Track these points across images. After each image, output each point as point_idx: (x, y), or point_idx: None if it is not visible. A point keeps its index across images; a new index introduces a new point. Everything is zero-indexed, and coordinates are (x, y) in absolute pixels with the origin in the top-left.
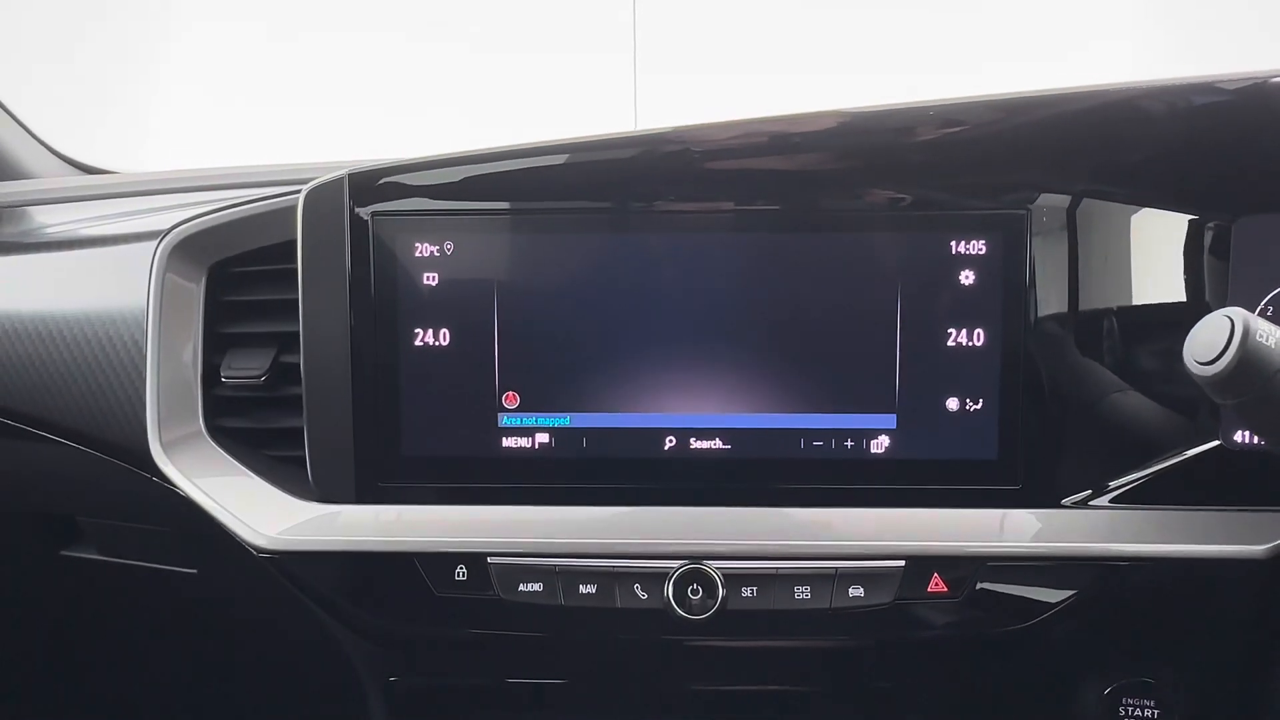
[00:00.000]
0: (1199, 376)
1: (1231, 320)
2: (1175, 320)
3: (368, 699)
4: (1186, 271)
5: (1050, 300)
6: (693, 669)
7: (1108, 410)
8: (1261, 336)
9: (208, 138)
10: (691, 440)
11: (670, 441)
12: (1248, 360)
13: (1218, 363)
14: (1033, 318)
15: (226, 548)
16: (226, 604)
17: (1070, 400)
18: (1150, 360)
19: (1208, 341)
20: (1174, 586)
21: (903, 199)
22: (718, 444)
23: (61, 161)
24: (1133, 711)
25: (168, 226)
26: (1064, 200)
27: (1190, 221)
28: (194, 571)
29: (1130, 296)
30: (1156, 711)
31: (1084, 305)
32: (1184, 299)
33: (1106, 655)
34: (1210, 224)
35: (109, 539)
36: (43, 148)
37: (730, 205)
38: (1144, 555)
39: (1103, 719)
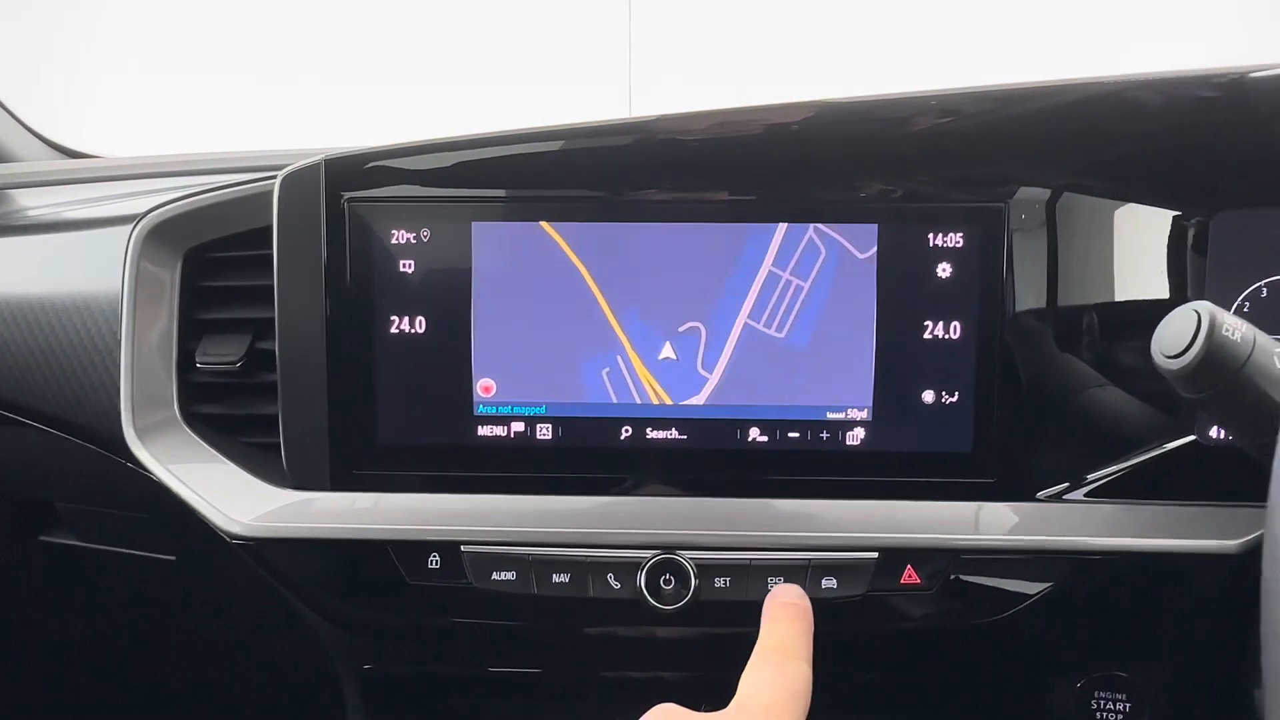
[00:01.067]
0: (1166, 370)
1: (1198, 314)
2: (1153, 316)
3: (343, 687)
4: (1165, 266)
5: (1028, 294)
6: (667, 658)
7: (1084, 405)
8: (1228, 331)
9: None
10: (667, 431)
11: (646, 431)
12: (1213, 354)
13: (1184, 356)
14: (1010, 311)
15: (202, 535)
16: (203, 592)
17: (1046, 394)
18: (1127, 355)
19: (1175, 335)
20: (1147, 581)
21: (883, 190)
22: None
23: (44, 145)
24: (1105, 705)
25: (142, 211)
26: (1043, 194)
27: (1169, 216)
28: (172, 558)
29: (1108, 291)
30: (1129, 705)
31: (1062, 300)
32: (1163, 294)
33: (1079, 649)
34: (1189, 219)
35: (86, 525)
36: (25, 130)
37: (708, 195)
38: (1118, 549)
39: (1075, 713)
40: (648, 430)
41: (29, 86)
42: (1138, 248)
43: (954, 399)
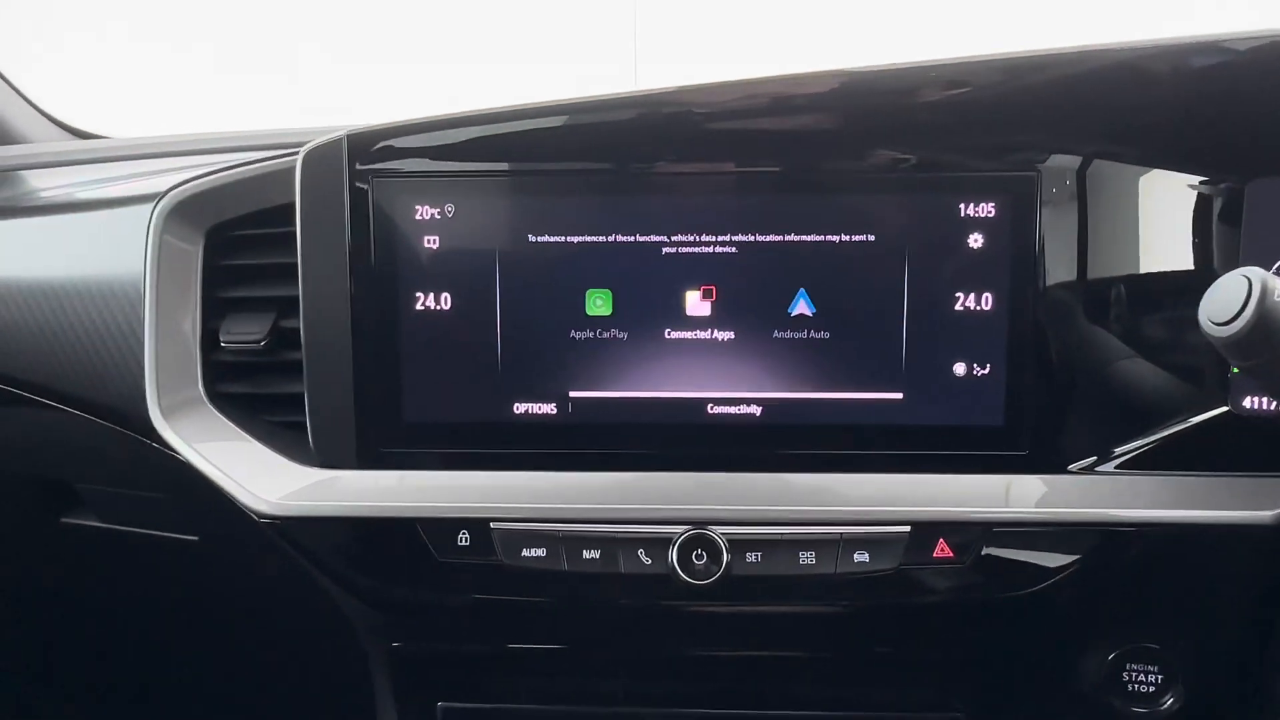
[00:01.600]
0: (1214, 338)
1: (1249, 280)
2: (1186, 285)
3: (370, 666)
4: (1197, 235)
5: (1059, 264)
6: (697, 634)
7: (1115, 376)
8: None
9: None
10: (698, 410)
11: (675, 411)
12: (1265, 320)
13: (1234, 323)
14: (1041, 282)
15: (227, 514)
16: (227, 571)
17: (1078, 365)
18: (1160, 326)
19: (1224, 301)
20: (1180, 553)
21: (909, 160)
22: (721, 412)
23: (56, 127)
24: (1136, 677)
25: (164, 189)
26: (1074, 161)
27: (1202, 184)
28: (194, 539)
29: (1140, 260)
30: (1160, 677)
31: (1093, 269)
32: (1195, 264)
33: (1111, 621)
34: (1222, 186)
35: (108, 506)
36: (37, 113)
37: (731, 167)
38: (1150, 521)
39: (1106, 685)
40: (679, 408)
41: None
42: (1170, 216)
43: (985, 372)
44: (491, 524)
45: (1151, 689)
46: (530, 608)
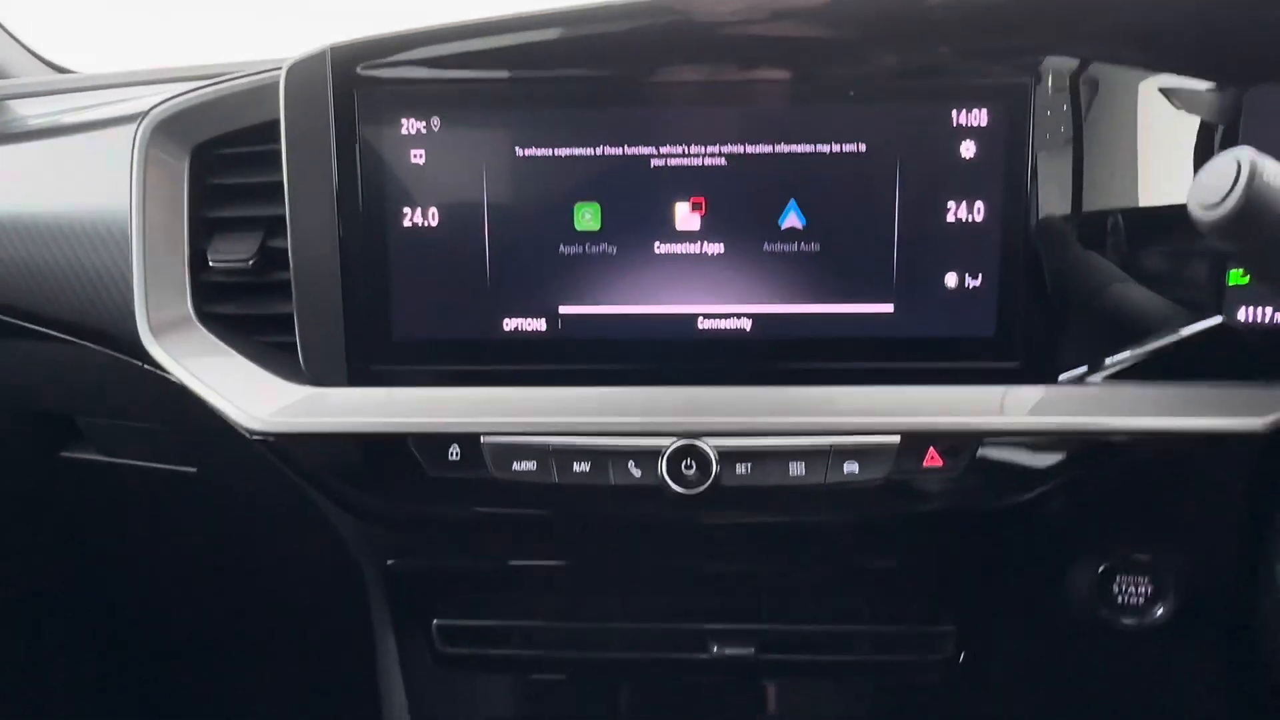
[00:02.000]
0: (1203, 221)
1: (1238, 161)
2: (1183, 195)
3: (367, 587)
4: (1196, 141)
5: (1053, 173)
6: (688, 548)
7: (1108, 286)
8: (1270, 177)
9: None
10: (688, 325)
11: (665, 325)
12: (1254, 202)
13: (1223, 205)
14: (1035, 191)
15: (223, 441)
16: (226, 503)
17: (1071, 276)
18: (1155, 235)
19: (1213, 185)
20: (1171, 462)
21: (902, 67)
22: (711, 326)
23: (38, 62)
24: (1126, 589)
25: (148, 107)
26: (1070, 64)
27: (1201, 89)
28: (193, 470)
29: (1136, 167)
30: (1150, 589)
31: (1089, 177)
32: (1192, 172)
33: (1101, 533)
34: (1221, 91)
35: (108, 439)
36: (21, 48)
37: (720, 76)
38: (1141, 430)
39: (1096, 597)
40: (669, 323)
41: None
42: (1168, 123)
43: (977, 283)
44: (482, 438)
45: (1141, 600)
46: (522, 522)
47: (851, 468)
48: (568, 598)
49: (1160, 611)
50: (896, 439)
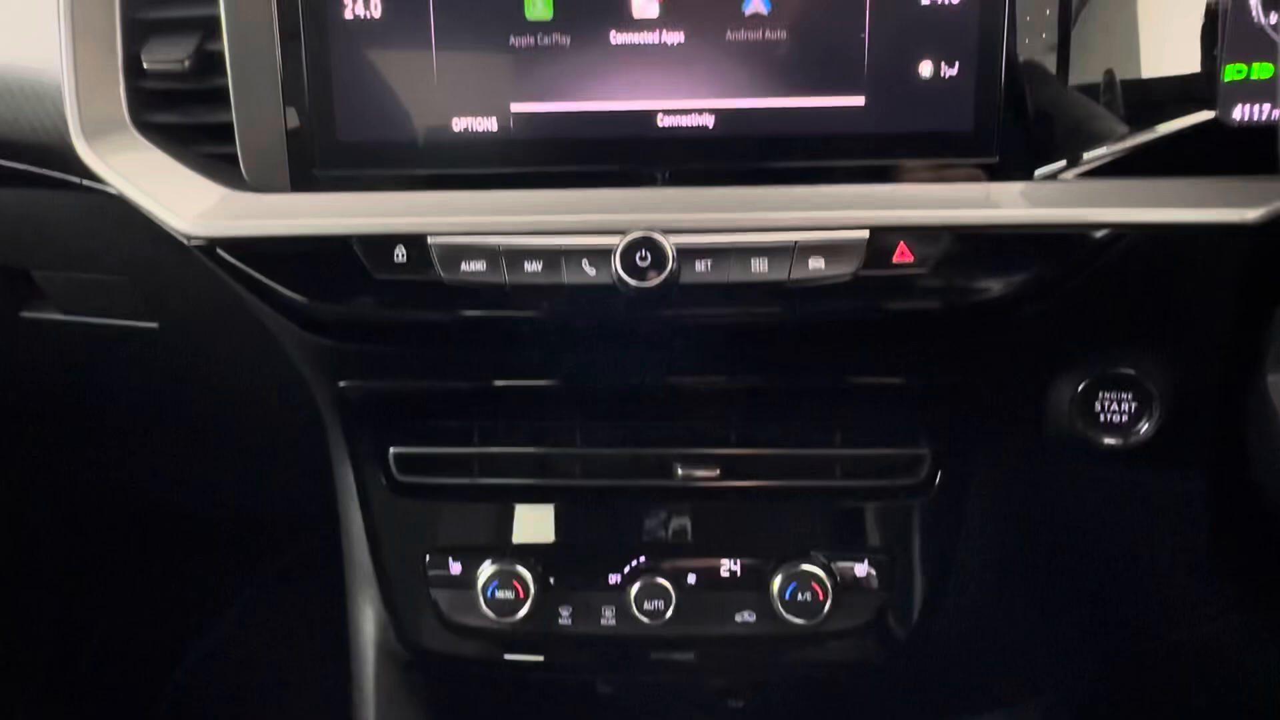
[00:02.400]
0: None
1: None
2: None
3: (324, 417)
4: None
5: None
6: (651, 361)
7: (1095, 75)
8: None
9: None
10: (648, 122)
11: (623, 122)
12: None
13: None
14: None
15: (183, 294)
16: (189, 358)
17: (1054, 65)
18: (1144, 23)
19: None
20: (1156, 260)
21: None
22: (672, 123)
23: None
24: (1109, 406)
25: None
26: None
27: None
28: (154, 326)
29: None
30: (1134, 405)
31: None
32: None
33: (1082, 344)
34: None
35: (67, 295)
36: None
37: None
38: (1124, 223)
39: (1077, 415)
40: (627, 120)
41: None
42: None
43: (953, 72)
44: (429, 238)
45: (1125, 418)
46: (475, 332)
47: (817, 264)
48: (528, 422)
49: (1144, 428)
50: (865, 234)
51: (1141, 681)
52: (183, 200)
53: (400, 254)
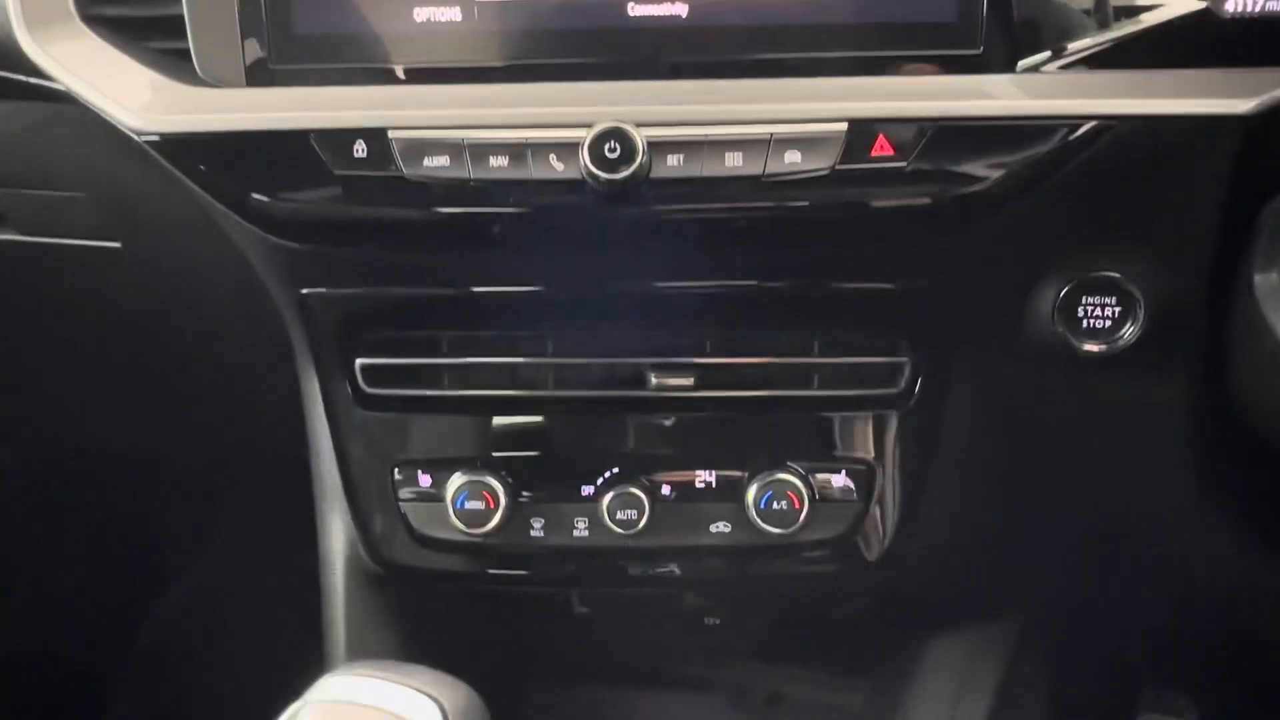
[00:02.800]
0: None
1: None
2: None
3: (289, 331)
4: None
5: None
6: (622, 266)
7: None
8: None
9: None
10: (618, 10)
11: (593, 10)
12: None
13: None
14: None
15: (148, 209)
16: (155, 278)
17: None
18: None
19: None
20: (1142, 155)
21: None
22: (643, 12)
23: None
24: (1092, 311)
25: None
26: None
27: None
28: (118, 245)
29: None
30: (1118, 309)
31: None
32: None
33: (1065, 247)
34: None
35: (27, 215)
36: None
37: None
38: (1112, 114)
39: (1059, 321)
40: (596, 9)
41: None
42: None
43: None
44: (390, 133)
45: (1108, 323)
46: (437, 228)
47: (794, 157)
48: (498, 332)
49: (1128, 333)
50: (843, 127)
51: (1115, 596)
52: (132, 94)
53: (360, 149)
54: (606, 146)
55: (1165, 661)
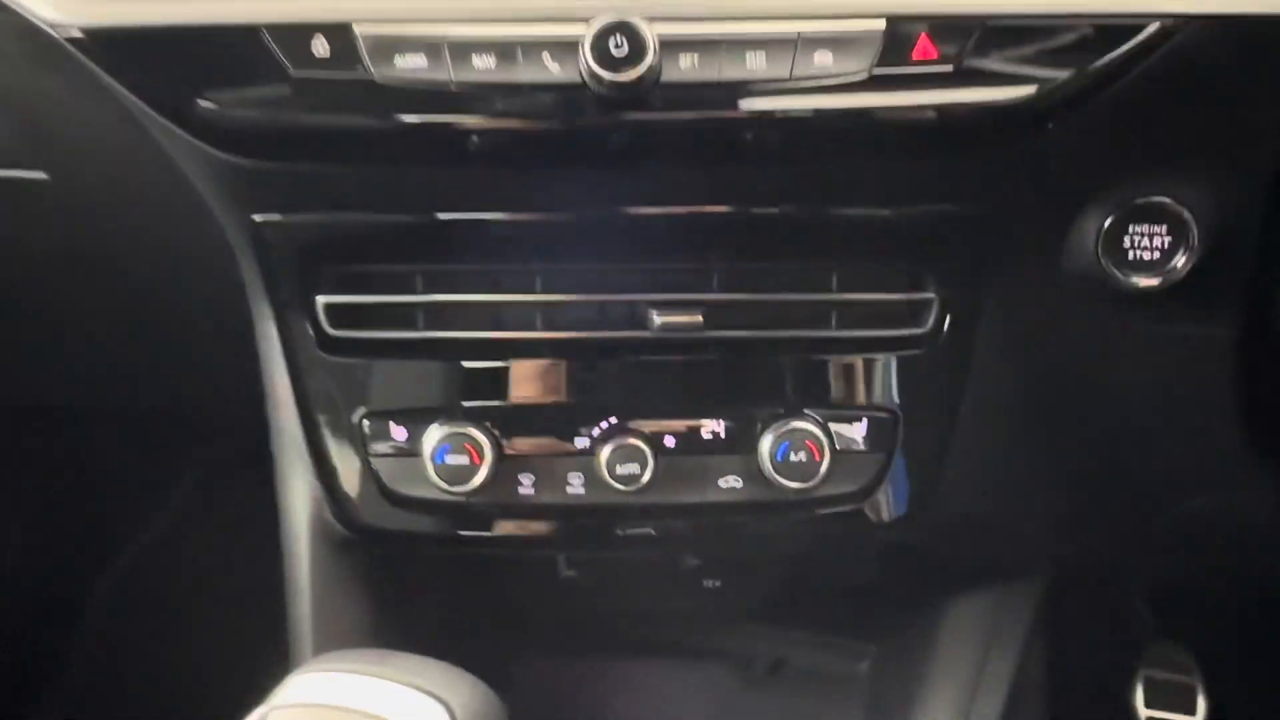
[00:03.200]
0: None
1: None
2: None
3: (241, 268)
4: None
5: None
6: (624, 190)
7: None
8: None
9: None
10: None
11: None
12: None
13: None
14: None
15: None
16: (85, 216)
17: None
18: None
19: None
20: (1208, 63)
21: None
22: None
23: None
24: (1140, 242)
25: None
26: None
27: None
28: (45, 177)
29: None
30: (1168, 239)
31: None
32: None
33: (1114, 168)
34: None
35: None
36: None
37: None
38: (1180, 13)
39: (1106, 251)
40: None
41: None
42: None
43: None
44: (355, 26)
45: (1157, 254)
46: (410, 141)
47: (824, 59)
48: (479, 265)
49: (1179, 263)
50: (881, 23)
51: (1151, 552)
52: None
53: (321, 46)
54: (611, 43)
55: (1209, 618)
